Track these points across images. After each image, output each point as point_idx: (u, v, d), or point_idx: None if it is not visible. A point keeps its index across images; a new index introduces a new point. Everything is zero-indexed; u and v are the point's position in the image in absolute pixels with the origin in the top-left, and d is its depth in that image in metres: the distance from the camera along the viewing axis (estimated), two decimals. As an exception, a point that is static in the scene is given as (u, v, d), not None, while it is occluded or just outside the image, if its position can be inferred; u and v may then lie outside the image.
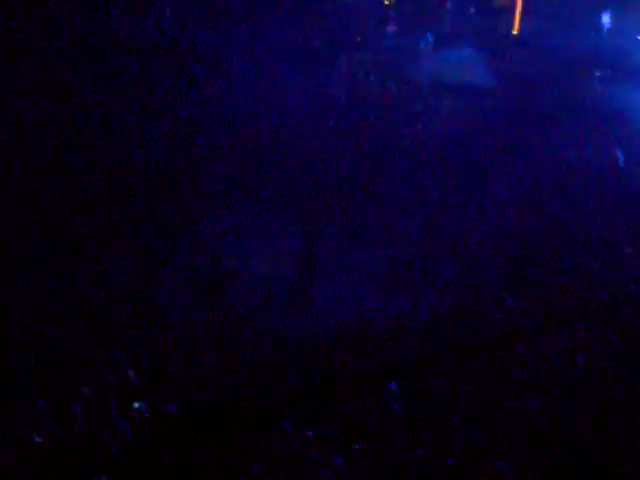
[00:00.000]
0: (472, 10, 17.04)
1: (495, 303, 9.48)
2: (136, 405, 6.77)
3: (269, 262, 10.50)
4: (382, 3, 17.25)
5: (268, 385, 7.27)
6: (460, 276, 10.15)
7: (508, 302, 9.40)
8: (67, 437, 6.37)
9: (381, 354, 8.20)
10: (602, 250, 10.65)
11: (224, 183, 11.75)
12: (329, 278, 10.24)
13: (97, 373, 7.44)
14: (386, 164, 12.70)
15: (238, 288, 9.83)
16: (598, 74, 15.52)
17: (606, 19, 16.31)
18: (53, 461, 5.92)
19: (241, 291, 9.86)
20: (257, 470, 5.86)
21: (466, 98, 15.02)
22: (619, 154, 13.06)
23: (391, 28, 17.16)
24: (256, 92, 13.89)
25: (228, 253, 10.51)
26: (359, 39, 16.56)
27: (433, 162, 12.70)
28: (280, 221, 11.16)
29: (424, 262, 10.39)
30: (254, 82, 14.14)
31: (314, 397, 7.30)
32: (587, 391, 7.20)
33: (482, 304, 9.46)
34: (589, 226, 10.98)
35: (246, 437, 6.05)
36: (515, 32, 16.98)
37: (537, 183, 12.10)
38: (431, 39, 16.64)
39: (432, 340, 8.64)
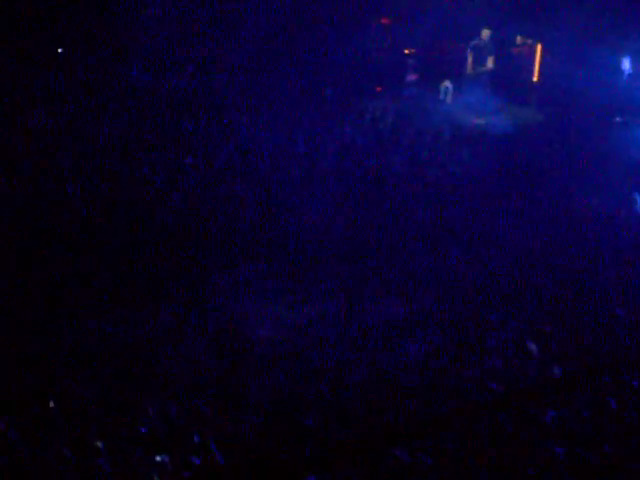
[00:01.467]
0: (491, 58, 16.98)
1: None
2: (158, 458, 6.79)
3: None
4: (402, 52, 17.31)
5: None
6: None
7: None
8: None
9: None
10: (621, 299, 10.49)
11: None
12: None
13: (122, 425, 7.44)
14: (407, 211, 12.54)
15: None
16: (618, 120, 15.49)
17: (626, 65, 16.26)
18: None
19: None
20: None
21: (485, 145, 14.93)
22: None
23: (411, 76, 17.21)
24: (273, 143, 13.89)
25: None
26: (379, 88, 16.63)
27: (451, 208, 12.66)
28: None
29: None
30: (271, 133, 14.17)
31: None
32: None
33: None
34: (608, 274, 10.86)
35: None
36: (535, 79, 16.97)
37: (554, 231, 12.04)
38: (450, 87, 16.71)
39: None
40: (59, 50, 16.17)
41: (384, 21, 17.43)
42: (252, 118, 14.83)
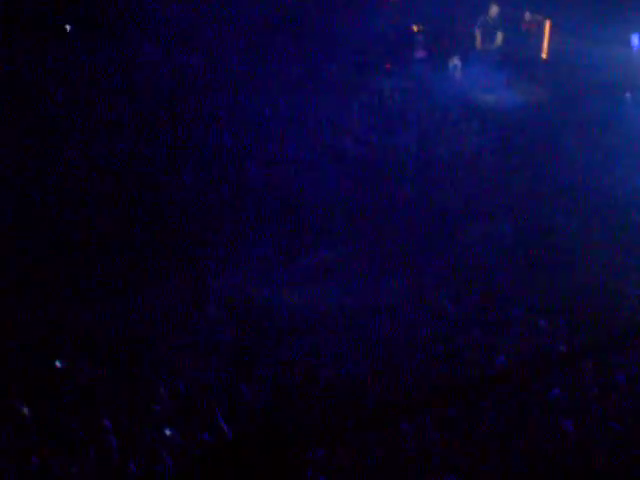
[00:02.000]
0: (500, 35, 17.02)
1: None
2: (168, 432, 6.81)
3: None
4: (411, 29, 17.39)
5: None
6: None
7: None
8: (101, 469, 6.42)
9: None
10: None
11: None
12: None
13: (131, 402, 7.45)
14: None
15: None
16: (629, 96, 15.37)
17: (636, 41, 16.07)
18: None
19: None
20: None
21: (493, 120, 15.03)
22: None
23: (420, 53, 17.27)
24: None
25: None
26: (388, 65, 16.68)
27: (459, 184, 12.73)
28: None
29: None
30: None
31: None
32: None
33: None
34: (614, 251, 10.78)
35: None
36: (544, 56, 16.96)
37: (561, 206, 12.04)
38: (459, 63, 16.78)
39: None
40: (67, 27, 16.12)
41: None
42: (259, 97, 15.01)
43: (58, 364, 7.96)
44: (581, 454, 6.80)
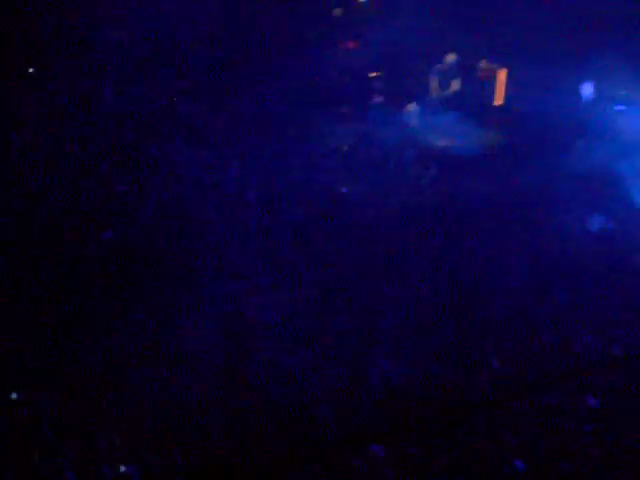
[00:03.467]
0: (457, 82, 17.12)
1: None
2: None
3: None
4: (367, 76, 17.39)
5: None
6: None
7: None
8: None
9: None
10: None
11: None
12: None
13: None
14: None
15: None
16: (581, 142, 15.46)
17: (587, 90, 16.27)
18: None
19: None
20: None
21: (448, 164, 14.95)
22: (600, 218, 13.04)
23: (377, 99, 17.20)
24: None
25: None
26: (345, 110, 16.63)
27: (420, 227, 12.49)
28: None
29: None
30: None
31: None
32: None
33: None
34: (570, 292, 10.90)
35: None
36: (499, 103, 17.10)
37: (518, 250, 11.95)
38: (416, 109, 16.67)
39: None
40: (30, 70, 15.98)
41: (350, 45, 17.54)
42: (215, 144, 14.83)
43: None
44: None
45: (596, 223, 13.18)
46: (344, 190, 13.76)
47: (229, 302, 10.62)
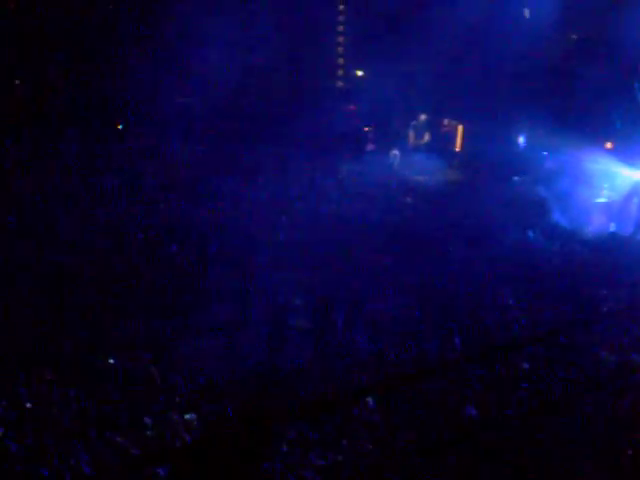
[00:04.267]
0: (427, 134, 17.18)
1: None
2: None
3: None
4: (363, 129, 17.49)
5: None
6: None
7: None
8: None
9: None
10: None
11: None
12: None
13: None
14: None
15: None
16: (517, 178, 15.52)
17: (521, 139, 16.34)
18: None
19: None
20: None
21: (423, 194, 14.86)
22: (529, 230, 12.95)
23: (370, 147, 17.28)
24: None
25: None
26: (348, 154, 16.56)
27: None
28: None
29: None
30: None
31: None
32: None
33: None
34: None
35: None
36: (458, 149, 17.17)
37: (471, 254, 11.61)
38: (398, 154, 16.70)
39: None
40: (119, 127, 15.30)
41: (352, 107, 17.47)
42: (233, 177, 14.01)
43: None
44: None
45: (526, 233, 13.10)
46: (343, 209, 13.50)
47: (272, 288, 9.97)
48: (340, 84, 18.03)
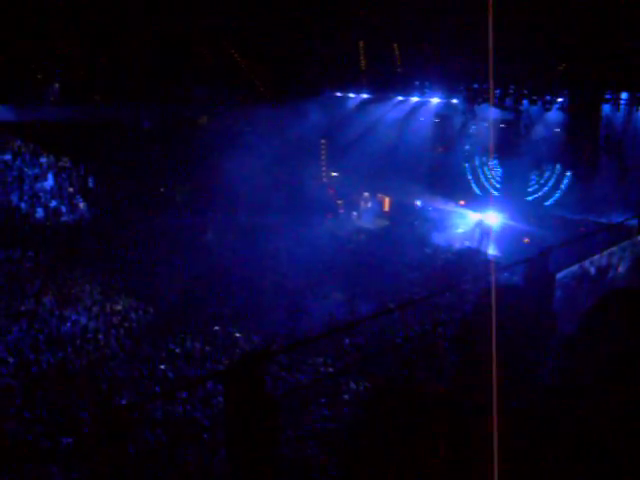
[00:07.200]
0: (370, 202, 23.39)
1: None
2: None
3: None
4: (337, 202, 23.53)
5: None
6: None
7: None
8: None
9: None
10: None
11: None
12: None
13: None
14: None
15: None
16: (416, 222, 21.09)
17: (419, 202, 21.58)
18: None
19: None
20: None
21: (369, 235, 21.07)
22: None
23: (341, 210, 23.47)
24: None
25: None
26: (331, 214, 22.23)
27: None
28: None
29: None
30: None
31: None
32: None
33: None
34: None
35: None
36: (387, 210, 23.54)
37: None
38: (356, 214, 23.27)
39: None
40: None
41: (332, 190, 23.06)
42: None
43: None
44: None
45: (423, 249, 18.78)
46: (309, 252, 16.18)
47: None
48: (324, 179, 24.94)
